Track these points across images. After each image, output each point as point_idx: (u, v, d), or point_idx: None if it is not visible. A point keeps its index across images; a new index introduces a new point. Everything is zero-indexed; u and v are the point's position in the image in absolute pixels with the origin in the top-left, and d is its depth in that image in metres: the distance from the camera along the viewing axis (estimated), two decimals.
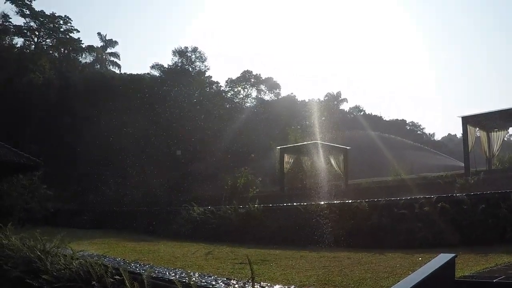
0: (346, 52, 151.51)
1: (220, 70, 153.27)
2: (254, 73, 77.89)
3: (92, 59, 75.61)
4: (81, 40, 70.95)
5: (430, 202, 12.83)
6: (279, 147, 35.58)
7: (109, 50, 77.39)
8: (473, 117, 27.60)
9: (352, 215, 14.32)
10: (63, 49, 71.44)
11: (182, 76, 64.65)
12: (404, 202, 13.51)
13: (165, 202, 30.39)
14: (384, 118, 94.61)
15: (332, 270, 8.69)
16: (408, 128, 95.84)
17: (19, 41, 64.98)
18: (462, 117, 27.47)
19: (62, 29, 67.13)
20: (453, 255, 5.60)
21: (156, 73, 68.34)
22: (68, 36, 68.11)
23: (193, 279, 7.02)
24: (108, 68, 75.01)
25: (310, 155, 33.66)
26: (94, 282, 7.88)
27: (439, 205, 12.49)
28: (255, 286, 5.82)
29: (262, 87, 78.84)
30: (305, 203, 16.97)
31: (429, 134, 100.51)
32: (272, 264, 10.00)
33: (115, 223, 26.76)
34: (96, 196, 36.19)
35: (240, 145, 52.88)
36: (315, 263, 10.03)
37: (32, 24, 64.80)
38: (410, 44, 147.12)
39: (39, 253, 10.20)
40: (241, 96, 77.97)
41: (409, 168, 38.58)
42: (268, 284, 6.99)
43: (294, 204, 17.46)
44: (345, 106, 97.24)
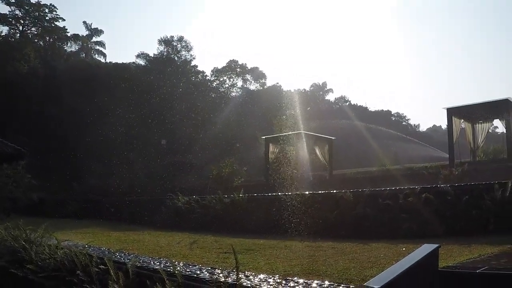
0: (332, 43, 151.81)
1: (206, 60, 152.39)
2: (240, 63, 77.64)
3: (78, 48, 75.27)
4: (67, 29, 70.70)
5: (414, 193, 12.85)
6: (264, 137, 35.61)
7: (95, 39, 77.19)
8: (458, 109, 27.86)
9: (337, 205, 14.30)
10: (48, 38, 70.98)
11: (168, 65, 64.33)
12: (389, 193, 13.54)
13: (150, 192, 30.30)
14: (370, 109, 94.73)
15: (317, 260, 8.69)
16: (393, 119, 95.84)
17: (4, 30, 64.79)
18: (447, 109, 27.72)
19: (48, 18, 66.72)
20: (437, 246, 5.62)
21: (142, 62, 67.91)
22: (54, 25, 67.62)
23: (178, 269, 7.03)
24: (94, 57, 74.66)
25: (295, 145, 33.68)
26: (79, 272, 7.90)
27: (423, 196, 12.53)
28: (240, 275, 5.81)
29: (248, 77, 78.47)
30: (290, 193, 16.97)
31: (414, 125, 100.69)
32: (257, 254, 9.99)
33: (100, 213, 26.59)
34: (81, 186, 36.08)
35: (226, 135, 52.72)
36: (300, 253, 10.04)
37: (17, 13, 64.46)
38: (396, 35, 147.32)
39: (24, 243, 10.19)
40: (227, 86, 77.61)
41: (394, 159, 38.83)
42: (253, 274, 7.00)
43: (279, 194, 17.48)
44: (331, 97, 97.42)
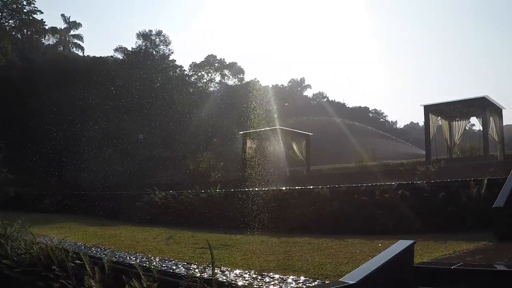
0: (311, 40, 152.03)
1: (185, 55, 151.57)
2: (218, 58, 77.46)
3: (55, 41, 74.45)
4: (45, 22, 69.60)
5: (391, 189, 12.93)
6: (242, 132, 35.53)
7: (73, 32, 76.37)
8: (435, 106, 28.12)
9: (313, 201, 14.31)
10: (26, 31, 69.79)
11: (146, 59, 63.91)
12: (365, 189, 13.60)
13: (127, 187, 30.12)
14: (347, 105, 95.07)
15: (293, 255, 8.68)
16: (371, 116, 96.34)
17: None
18: (424, 106, 27.96)
19: (25, 10, 65.41)
20: (412, 242, 5.66)
21: (120, 56, 67.24)
22: (31, 18, 66.35)
23: (154, 264, 6.96)
24: (72, 51, 73.89)
25: (273, 141, 33.66)
26: (55, 267, 7.83)
27: (400, 192, 12.61)
28: (215, 271, 5.76)
29: (226, 72, 78.27)
30: (267, 188, 16.99)
31: (392, 122, 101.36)
32: (233, 249, 9.96)
33: (77, 208, 26.34)
34: (58, 181, 35.85)
35: (204, 130, 52.56)
36: (276, 248, 10.03)
37: None
38: (373, 32, 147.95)
39: None
40: (205, 81, 77.36)
41: (372, 155, 39.01)
42: (229, 269, 6.96)
43: (256, 189, 17.46)
44: (309, 93, 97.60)
